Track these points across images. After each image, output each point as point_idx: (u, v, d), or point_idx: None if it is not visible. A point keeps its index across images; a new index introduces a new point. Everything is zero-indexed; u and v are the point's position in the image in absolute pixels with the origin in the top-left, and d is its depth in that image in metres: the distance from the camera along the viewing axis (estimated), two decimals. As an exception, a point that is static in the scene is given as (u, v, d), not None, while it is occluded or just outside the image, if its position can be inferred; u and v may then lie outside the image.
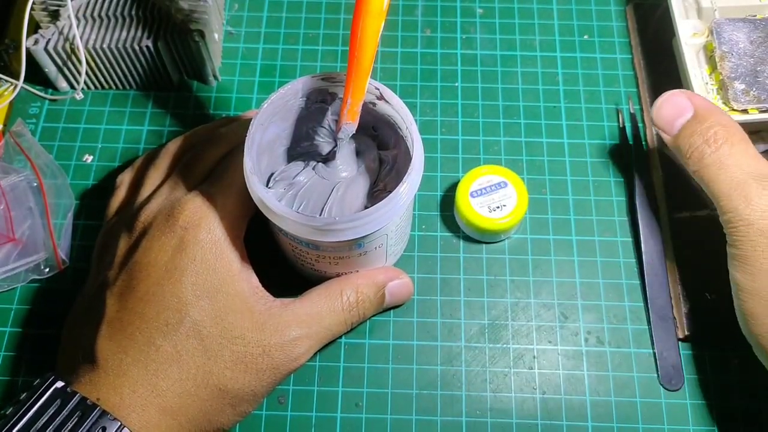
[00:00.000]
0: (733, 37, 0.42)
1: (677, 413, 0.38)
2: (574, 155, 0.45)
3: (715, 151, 0.35)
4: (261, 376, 0.34)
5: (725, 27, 0.42)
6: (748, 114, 0.41)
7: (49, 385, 0.31)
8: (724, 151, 0.35)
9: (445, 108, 0.47)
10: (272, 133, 0.37)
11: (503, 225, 0.40)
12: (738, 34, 0.42)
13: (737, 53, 0.42)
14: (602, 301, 0.41)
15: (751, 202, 0.33)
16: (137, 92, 0.48)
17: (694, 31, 0.43)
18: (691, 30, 0.43)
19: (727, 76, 0.41)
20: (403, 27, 0.50)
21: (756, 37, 0.42)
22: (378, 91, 0.34)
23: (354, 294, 0.36)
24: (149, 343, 0.32)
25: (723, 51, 0.42)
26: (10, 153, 0.44)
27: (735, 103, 0.40)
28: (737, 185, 0.34)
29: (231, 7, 0.51)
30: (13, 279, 0.41)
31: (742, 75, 0.41)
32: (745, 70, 0.41)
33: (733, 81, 0.41)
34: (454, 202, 0.42)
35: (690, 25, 0.44)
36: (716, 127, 0.35)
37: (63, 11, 0.44)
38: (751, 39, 0.42)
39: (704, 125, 0.36)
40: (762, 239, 0.33)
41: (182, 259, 0.33)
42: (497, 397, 0.39)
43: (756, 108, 0.41)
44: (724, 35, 0.42)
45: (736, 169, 0.34)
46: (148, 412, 0.31)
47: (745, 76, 0.41)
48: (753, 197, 0.33)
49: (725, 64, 0.41)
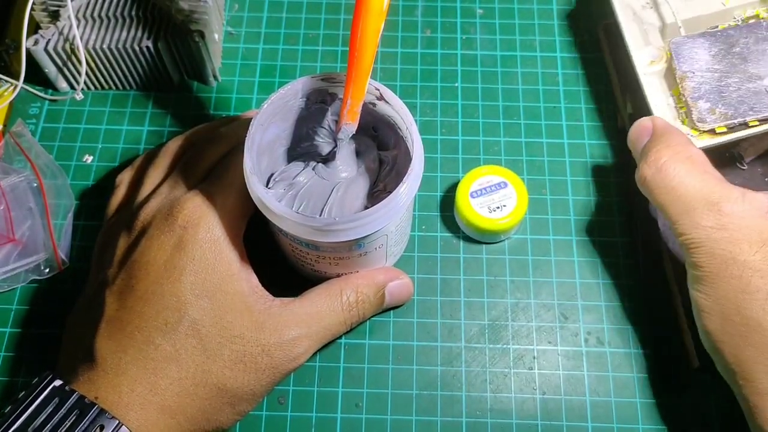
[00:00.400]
0: (693, 54, 0.40)
1: (677, 414, 0.38)
2: (574, 155, 0.45)
3: (657, 173, 0.35)
4: (260, 376, 0.34)
5: (683, 46, 0.41)
6: (716, 134, 0.39)
7: (47, 383, 0.31)
8: (667, 173, 0.35)
9: (445, 108, 0.47)
10: (272, 134, 0.37)
11: (503, 225, 0.40)
12: (698, 51, 0.41)
13: (699, 71, 0.40)
14: (602, 301, 0.41)
15: (697, 225, 0.33)
16: (137, 93, 0.48)
17: (650, 59, 0.42)
18: (648, 58, 0.42)
19: (690, 97, 0.39)
20: (403, 27, 0.50)
21: (717, 51, 0.40)
22: (378, 91, 0.34)
23: (354, 294, 0.36)
24: (148, 341, 0.32)
25: (683, 71, 0.40)
26: (10, 153, 0.44)
27: (701, 123, 0.39)
28: (685, 210, 0.34)
29: (231, 8, 0.51)
30: (13, 279, 0.41)
31: (706, 93, 0.39)
32: (709, 87, 0.40)
33: (697, 101, 0.39)
34: (454, 203, 0.42)
35: (646, 54, 0.42)
36: (660, 147, 0.35)
37: (63, 11, 0.44)
38: (712, 53, 0.40)
39: (652, 147, 0.36)
40: (713, 261, 0.33)
41: (181, 258, 0.33)
42: (497, 398, 0.39)
43: (724, 126, 0.39)
44: (683, 54, 0.41)
45: (681, 192, 0.34)
46: (147, 411, 0.31)
47: (709, 94, 0.39)
48: (699, 219, 0.33)
49: (687, 85, 0.40)
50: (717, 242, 0.32)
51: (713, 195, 0.33)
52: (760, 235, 0.32)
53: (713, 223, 0.33)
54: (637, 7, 0.44)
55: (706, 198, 0.33)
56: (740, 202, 0.33)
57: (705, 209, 0.33)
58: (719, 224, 0.33)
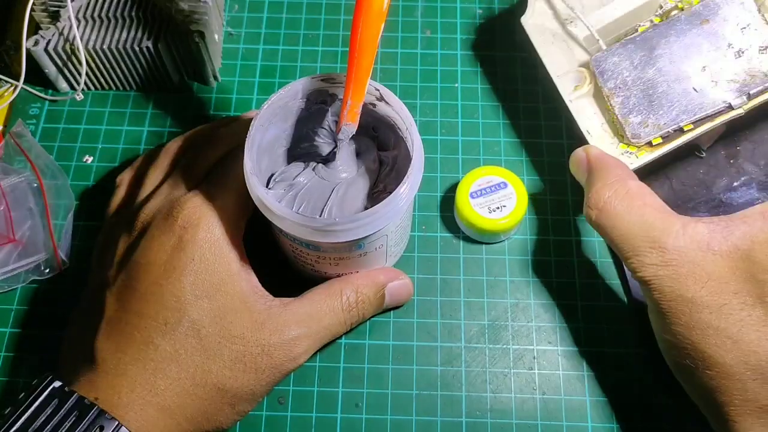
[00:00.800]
0: (616, 68, 0.38)
1: (677, 413, 0.38)
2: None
3: (600, 215, 0.35)
4: (260, 376, 0.34)
5: (605, 62, 0.39)
6: (654, 147, 0.38)
7: (46, 384, 0.31)
8: (609, 214, 0.34)
9: (445, 109, 0.47)
10: (272, 134, 0.37)
11: (503, 225, 0.40)
12: (621, 63, 0.38)
13: (624, 84, 0.38)
14: (602, 301, 0.41)
15: (643, 264, 0.33)
16: (137, 93, 0.48)
17: (575, 84, 0.40)
18: (571, 84, 0.40)
19: (620, 113, 0.38)
20: (403, 28, 0.50)
21: (640, 58, 0.38)
22: (378, 92, 0.35)
23: (354, 294, 0.37)
24: (148, 342, 0.32)
25: (609, 89, 0.38)
26: (11, 154, 0.44)
27: (635, 139, 0.37)
28: (629, 249, 0.33)
29: (231, 8, 0.51)
30: (13, 280, 0.41)
31: (635, 106, 0.38)
32: (637, 99, 0.38)
33: (627, 116, 0.37)
34: (454, 203, 0.42)
35: (569, 80, 0.40)
36: (599, 185, 0.35)
37: (63, 12, 0.44)
38: (635, 63, 0.38)
39: (590, 186, 0.36)
40: (663, 299, 0.32)
41: (181, 259, 0.33)
42: (497, 398, 0.39)
43: (659, 137, 0.37)
44: (607, 70, 0.38)
45: (624, 231, 0.34)
46: (147, 411, 0.31)
47: (638, 106, 0.38)
48: (644, 259, 0.33)
49: (614, 102, 0.38)
50: (663, 280, 0.32)
51: (654, 231, 0.33)
52: (705, 269, 0.32)
53: (657, 261, 0.32)
54: (554, 28, 0.41)
55: (648, 235, 0.33)
56: (681, 235, 0.32)
57: (647, 248, 0.33)
58: (663, 261, 0.32)
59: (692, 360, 0.32)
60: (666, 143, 0.37)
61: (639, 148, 0.38)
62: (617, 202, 0.34)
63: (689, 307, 0.32)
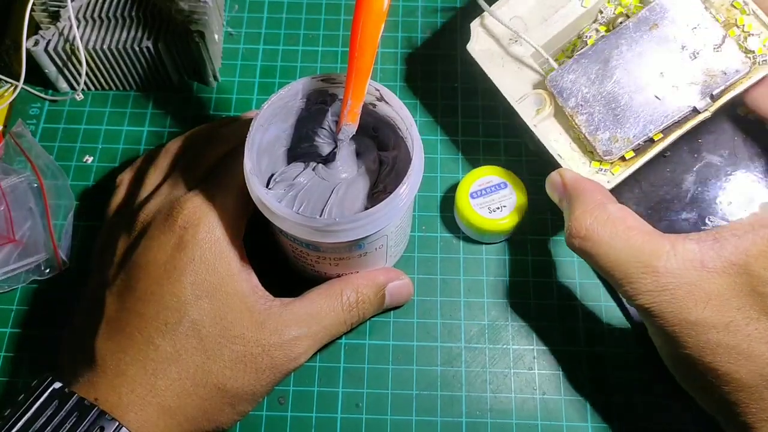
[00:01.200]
0: (573, 85, 0.37)
1: (677, 413, 0.38)
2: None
3: (583, 243, 0.33)
4: (260, 376, 0.34)
5: (561, 80, 0.37)
6: (627, 161, 0.36)
7: (47, 386, 0.31)
8: (593, 241, 0.33)
9: (444, 109, 0.47)
10: (272, 134, 0.37)
11: (503, 226, 0.40)
12: (577, 80, 0.37)
13: (585, 101, 0.37)
14: (602, 301, 0.41)
15: (638, 291, 0.32)
16: (137, 93, 0.48)
17: (536, 108, 0.38)
18: (532, 107, 0.38)
19: (587, 132, 0.36)
20: (403, 28, 0.50)
21: (595, 72, 0.37)
22: (378, 92, 0.35)
23: (354, 294, 0.37)
24: (148, 342, 0.32)
25: (571, 108, 0.37)
26: (11, 154, 0.44)
27: (608, 156, 0.36)
28: (620, 276, 0.32)
29: (231, 8, 0.51)
30: (14, 280, 0.41)
31: (601, 122, 0.36)
32: (601, 114, 0.36)
33: (595, 134, 0.36)
34: (454, 203, 0.42)
35: (529, 104, 0.38)
36: (578, 212, 0.34)
37: (63, 12, 0.44)
38: (590, 77, 0.37)
39: (570, 212, 0.34)
40: (665, 324, 0.32)
41: (181, 259, 0.33)
42: (497, 398, 0.39)
43: (631, 150, 0.36)
44: (565, 89, 0.37)
45: (612, 259, 0.33)
46: (147, 412, 0.31)
47: (604, 121, 0.36)
48: (637, 286, 0.32)
49: (579, 120, 0.36)
50: (663, 305, 0.31)
51: (643, 255, 0.32)
52: (704, 289, 0.31)
53: (653, 287, 0.31)
54: (500, 52, 0.40)
55: (638, 260, 0.32)
56: (672, 257, 0.32)
57: (640, 273, 0.32)
58: (659, 286, 0.31)
59: (704, 378, 0.32)
60: (639, 156, 0.37)
61: (612, 164, 0.37)
62: (600, 229, 0.33)
63: (695, 330, 0.31)
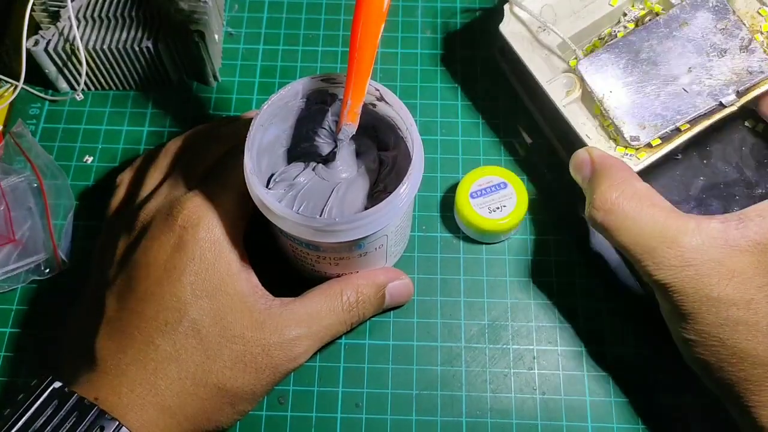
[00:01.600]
0: (604, 72, 0.38)
1: (677, 413, 0.38)
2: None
3: (607, 216, 0.34)
4: (260, 375, 0.34)
5: (591, 67, 0.39)
6: (653, 148, 0.38)
7: (47, 385, 0.31)
8: (617, 215, 0.33)
9: (444, 109, 0.47)
10: (272, 134, 0.37)
11: (503, 226, 0.40)
12: (607, 68, 0.39)
13: (614, 88, 0.38)
14: (602, 301, 0.41)
15: (661, 265, 0.32)
16: (137, 93, 0.48)
17: (566, 90, 0.39)
18: (563, 89, 0.39)
19: (615, 117, 0.38)
20: (403, 28, 0.50)
21: (625, 62, 0.38)
22: (378, 92, 0.35)
23: (354, 294, 0.37)
24: (148, 342, 0.32)
25: (600, 93, 0.38)
26: (11, 154, 0.44)
27: (635, 142, 0.37)
28: (643, 250, 0.33)
29: (231, 8, 0.51)
30: (13, 280, 0.41)
31: (630, 109, 0.38)
32: (630, 101, 0.38)
33: (623, 119, 0.38)
34: (454, 203, 0.42)
35: (560, 85, 0.39)
36: (604, 187, 0.34)
37: (63, 12, 0.44)
38: (621, 66, 0.38)
39: (596, 187, 0.35)
40: (686, 300, 0.32)
41: (181, 259, 0.33)
42: (497, 398, 0.39)
43: (658, 138, 0.37)
44: (594, 75, 0.38)
45: (635, 232, 0.33)
46: (147, 411, 0.31)
47: (633, 109, 0.38)
48: (661, 260, 0.32)
49: (608, 106, 0.38)
50: (685, 281, 0.32)
51: (669, 231, 0.32)
52: (727, 266, 0.31)
53: (677, 262, 0.32)
54: (529, 37, 0.41)
55: (663, 235, 0.32)
56: (697, 234, 0.32)
57: (664, 248, 0.32)
58: (683, 261, 0.32)
59: (718, 354, 0.32)
60: (665, 144, 0.38)
61: (637, 150, 0.38)
62: (626, 203, 0.34)
63: (716, 306, 0.31)
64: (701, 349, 0.33)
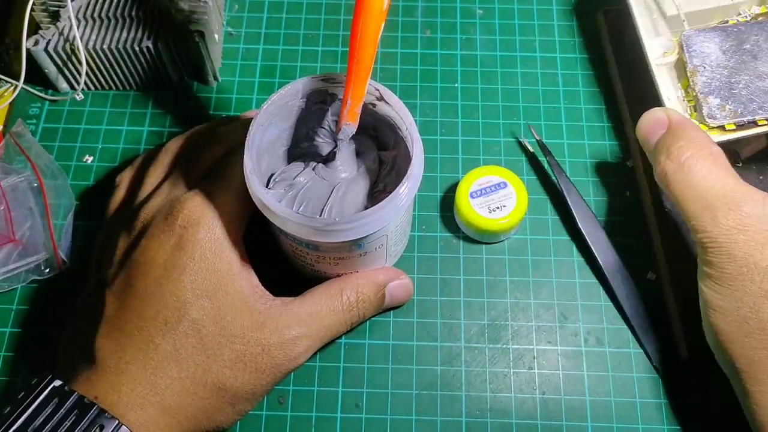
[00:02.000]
0: (704, 49, 0.40)
1: (677, 413, 0.38)
2: (574, 156, 0.45)
3: (679, 169, 0.34)
4: (260, 375, 0.34)
5: (695, 39, 0.41)
6: (725, 131, 0.39)
7: (46, 384, 0.31)
8: (689, 169, 0.34)
9: (444, 109, 0.47)
10: (272, 134, 0.37)
11: (503, 225, 0.40)
12: (709, 45, 0.40)
13: (709, 66, 0.40)
14: (602, 301, 0.41)
15: (718, 223, 0.33)
16: (137, 93, 0.48)
17: (664, 50, 0.41)
18: (661, 49, 0.41)
19: (701, 92, 0.39)
20: (403, 28, 0.50)
21: (728, 47, 0.40)
22: (378, 92, 0.35)
23: (354, 294, 0.37)
24: (148, 341, 0.32)
25: (694, 65, 0.40)
26: (11, 153, 0.44)
27: (711, 120, 0.39)
28: (704, 206, 0.33)
29: (231, 8, 0.51)
30: (14, 279, 0.41)
31: (717, 89, 0.39)
32: (719, 83, 0.39)
33: (707, 96, 0.39)
34: (454, 203, 0.42)
35: (659, 44, 0.41)
36: (682, 143, 0.35)
37: (63, 12, 0.44)
38: (723, 49, 0.40)
39: (672, 141, 0.35)
40: (731, 263, 0.32)
41: (181, 258, 0.33)
42: (497, 398, 0.39)
43: (733, 123, 0.39)
44: (695, 48, 0.40)
45: (702, 189, 0.33)
46: (147, 411, 0.31)
47: (720, 90, 0.39)
48: (720, 218, 0.33)
49: (697, 79, 0.39)
50: (737, 244, 0.32)
51: (735, 195, 0.33)
52: None
53: (734, 224, 0.32)
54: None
55: (728, 197, 0.33)
56: (761, 205, 0.33)
57: (726, 208, 0.33)
58: (740, 225, 0.32)
59: (746, 327, 0.32)
60: (737, 131, 0.39)
61: (709, 128, 0.39)
62: (700, 161, 0.34)
63: (761, 275, 0.32)
64: (730, 317, 0.33)
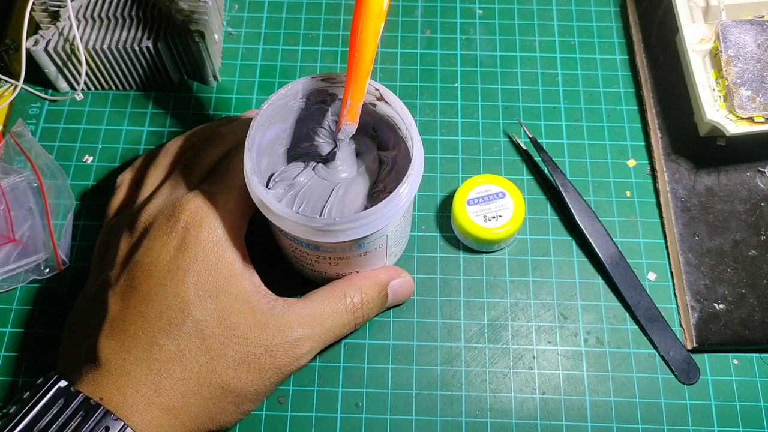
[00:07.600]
0: (740, 40, 0.41)
1: (677, 413, 0.38)
2: (574, 156, 0.45)
3: None
4: (263, 376, 0.34)
5: (732, 30, 0.41)
6: (754, 123, 0.40)
7: (52, 384, 0.31)
8: None
9: (444, 109, 0.47)
10: (272, 134, 0.37)
11: (496, 236, 0.40)
12: (745, 37, 0.41)
13: (744, 57, 0.41)
14: (602, 301, 0.41)
15: None
16: (137, 93, 0.48)
17: (701, 38, 0.42)
18: (698, 36, 0.42)
19: (733, 82, 0.40)
20: (403, 28, 0.50)
21: (763, 41, 0.41)
22: (378, 91, 0.35)
23: (359, 296, 0.37)
24: (152, 342, 0.32)
25: (729, 55, 0.41)
26: (11, 153, 0.44)
27: (740, 110, 0.40)
28: None
29: (231, 8, 0.51)
30: (14, 279, 0.41)
31: (749, 80, 0.40)
32: (752, 75, 0.40)
33: (739, 87, 0.40)
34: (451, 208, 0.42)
35: (697, 32, 0.42)
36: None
37: (63, 12, 0.44)
38: (758, 42, 0.41)
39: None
40: None
41: (184, 259, 0.33)
42: (497, 398, 0.39)
43: (762, 116, 0.40)
44: (731, 38, 0.41)
45: None
46: (151, 412, 0.31)
47: (752, 82, 0.40)
48: None
49: (731, 69, 0.40)
50: None
51: None
52: None
53: None
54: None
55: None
56: None
57: None
58: None
59: None
60: (766, 123, 0.40)
61: (738, 119, 0.40)
62: None
63: None
64: None
